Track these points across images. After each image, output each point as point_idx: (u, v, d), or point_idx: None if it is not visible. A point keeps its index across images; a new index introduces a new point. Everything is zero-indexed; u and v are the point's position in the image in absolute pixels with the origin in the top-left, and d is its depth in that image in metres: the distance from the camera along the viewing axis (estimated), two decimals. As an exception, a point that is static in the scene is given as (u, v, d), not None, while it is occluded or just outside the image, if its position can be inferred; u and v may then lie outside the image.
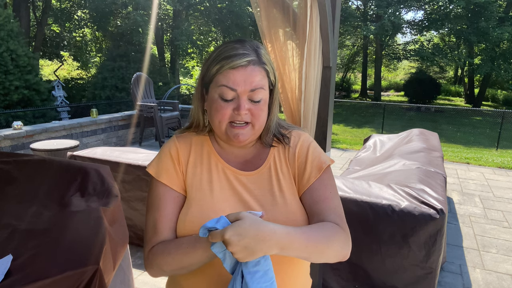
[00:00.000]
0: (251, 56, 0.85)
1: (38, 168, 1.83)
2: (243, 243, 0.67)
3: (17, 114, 8.95)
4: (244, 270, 0.71)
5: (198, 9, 17.82)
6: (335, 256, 0.84)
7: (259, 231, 0.69)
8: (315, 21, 1.63)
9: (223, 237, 0.68)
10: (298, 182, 0.94)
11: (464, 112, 17.22)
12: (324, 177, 0.94)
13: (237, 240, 0.67)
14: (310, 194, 0.92)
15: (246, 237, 0.67)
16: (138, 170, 2.90)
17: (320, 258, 0.82)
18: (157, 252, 0.86)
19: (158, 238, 0.88)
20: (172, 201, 0.91)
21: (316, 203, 0.91)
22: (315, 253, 0.79)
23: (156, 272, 0.87)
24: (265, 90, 0.88)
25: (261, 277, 0.71)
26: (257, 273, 0.71)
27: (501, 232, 3.68)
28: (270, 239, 0.70)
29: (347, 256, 0.87)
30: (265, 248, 0.70)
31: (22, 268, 1.20)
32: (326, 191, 0.93)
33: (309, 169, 0.94)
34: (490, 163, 6.58)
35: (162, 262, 0.84)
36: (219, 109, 0.86)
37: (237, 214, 0.71)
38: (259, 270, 0.71)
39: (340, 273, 2.41)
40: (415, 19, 34.02)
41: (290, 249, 0.74)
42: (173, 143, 0.96)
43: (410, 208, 2.17)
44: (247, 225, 0.68)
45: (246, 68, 0.84)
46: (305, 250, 0.77)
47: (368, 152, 4.45)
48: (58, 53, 19.75)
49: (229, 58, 0.84)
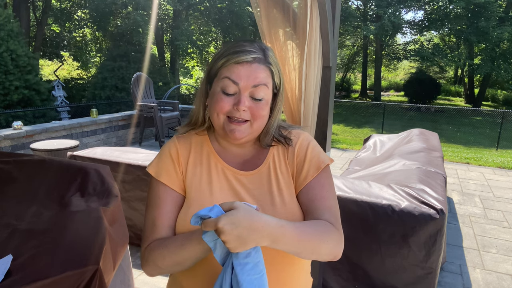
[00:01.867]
0: (257, 54, 0.85)
1: (38, 168, 1.83)
2: (236, 232, 0.66)
3: (17, 114, 8.95)
4: (235, 261, 0.71)
5: (198, 9, 17.83)
6: (326, 254, 0.83)
7: (253, 221, 0.69)
8: (315, 21, 1.63)
9: (217, 226, 0.66)
10: (295, 180, 0.94)
11: (464, 112, 17.23)
12: (321, 176, 0.94)
13: (231, 229, 0.66)
14: (306, 192, 0.92)
15: (240, 226, 0.67)
16: (138, 170, 2.90)
17: (311, 255, 0.81)
18: (153, 248, 0.86)
19: (156, 235, 0.89)
20: (171, 200, 0.91)
21: (312, 202, 0.91)
22: (307, 249, 0.79)
23: (152, 269, 0.86)
24: (268, 89, 0.88)
25: (251, 269, 0.71)
26: (248, 265, 0.71)
27: (501, 232, 3.68)
28: (263, 230, 0.70)
29: (338, 256, 0.86)
30: (257, 239, 0.69)
31: (22, 268, 1.20)
32: (322, 190, 0.93)
33: (307, 167, 0.94)
34: (490, 163, 6.58)
35: (157, 257, 0.84)
36: (219, 101, 0.86)
37: (231, 203, 0.70)
38: (249, 262, 0.71)
39: (340, 272, 2.41)
40: (415, 19, 34.05)
41: (281, 242, 0.73)
42: (173, 144, 0.96)
43: (410, 208, 2.18)
44: (241, 215, 0.68)
45: (251, 65, 0.84)
46: (297, 245, 0.76)
47: (368, 152, 4.45)
48: (58, 53, 19.75)
49: (235, 54, 0.84)
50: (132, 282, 1.98)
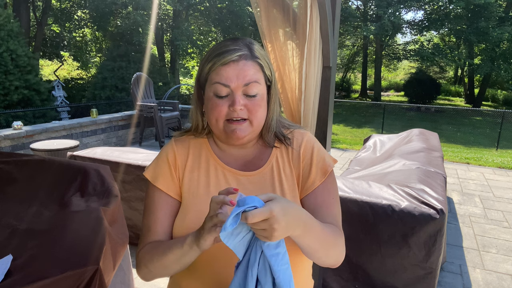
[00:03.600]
0: (242, 51, 0.84)
1: (38, 168, 1.83)
2: (286, 219, 0.66)
3: (17, 114, 8.95)
4: (267, 252, 0.69)
5: (198, 9, 17.83)
6: (335, 256, 0.84)
7: (295, 210, 0.69)
8: (315, 21, 1.63)
9: (272, 213, 0.63)
10: (302, 184, 0.94)
11: (464, 112, 17.23)
12: (328, 182, 0.94)
13: (283, 215, 0.65)
14: (314, 197, 0.92)
15: (288, 214, 0.66)
16: (138, 170, 2.90)
17: (324, 254, 0.81)
18: (145, 251, 0.87)
19: (150, 239, 0.89)
20: (167, 206, 0.91)
21: (320, 207, 0.91)
22: (325, 246, 0.80)
23: (144, 272, 0.87)
24: (261, 84, 0.86)
25: (281, 259, 0.70)
26: (279, 255, 0.70)
27: (501, 232, 3.68)
28: (300, 219, 0.70)
29: (340, 262, 0.87)
30: (295, 227, 0.69)
31: (22, 268, 1.20)
32: (329, 196, 0.93)
33: (314, 172, 0.93)
34: (490, 163, 6.58)
35: (148, 260, 0.85)
36: (214, 106, 0.85)
37: (267, 195, 0.68)
38: (280, 251, 0.70)
39: (340, 273, 2.41)
40: (415, 19, 34.05)
41: (309, 234, 0.74)
42: (171, 148, 0.96)
43: (410, 208, 2.17)
44: (286, 203, 0.68)
45: (238, 63, 0.83)
46: (318, 240, 0.77)
47: (368, 152, 4.45)
48: (58, 53, 19.75)
49: (220, 55, 0.83)
50: (132, 282, 1.98)
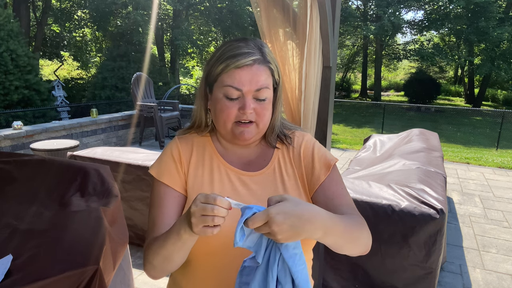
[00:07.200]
0: (256, 55, 0.84)
1: (38, 168, 1.83)
2: (289, 222, 0.65)
3: (17, 114, 8.95)
4: (285, 253, 0.69)
5: (198, 9, 17.82)
6: (364, 245, 0.85)
7: (305, 211, 0.68)
8: (315, 21, 1.63)
9: (269, 216, 0.64)
10: (308, 181, 0.95)
11: (464, 112, 17.21)
12: (333, 174, 0.95)
13: (283, 218, 0.65)
14: (323, 191, 0.93)
15: (292, 216, 0.66)
16: (138, 170, 2.90)
17: (351, 248, 0.82)
18: (149, 245, 0.86)
19: (155, 233, 0.88)
20: (173, 200, 0.91)
21: (332, 200, 0.91)
22: (350, 240, 0.80)
23: (149, 269, 0.86)
24: (270, 89, 0.88)
25: (299, 259, 0.70)
26: (296, 256, 0.70)
27: (501, 232, 3.68)
28: (316, 221, 0.69)
29: (369, 248, 0.87)
30: (311, 230, 0.68)
31: (22, 268, 1.20)
32: (338, 187, 0.94)
33: (318, 167, 0.94)
34: (490, 163, 6.58)
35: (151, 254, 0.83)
36: (224, 109, 0.86)
37: (280, 196, 0.69)
38: (297, 252, 0.70)
39: (340, 273, 2.41)
40: (415, 19, 33.99)
41: (332, 234, 0.73)
42: (175, 144, 0.96)
43: (410, 208, 2.17)
44: (293, 205, 0.67)
45: (251, 68, 0.83)
46: (342, 236, 0.77)
47: (368, 152, 4.45)
48: (58, 53, 19.75)
49: (234, 57, 0.83)
50: (132, 282, 1.98)
